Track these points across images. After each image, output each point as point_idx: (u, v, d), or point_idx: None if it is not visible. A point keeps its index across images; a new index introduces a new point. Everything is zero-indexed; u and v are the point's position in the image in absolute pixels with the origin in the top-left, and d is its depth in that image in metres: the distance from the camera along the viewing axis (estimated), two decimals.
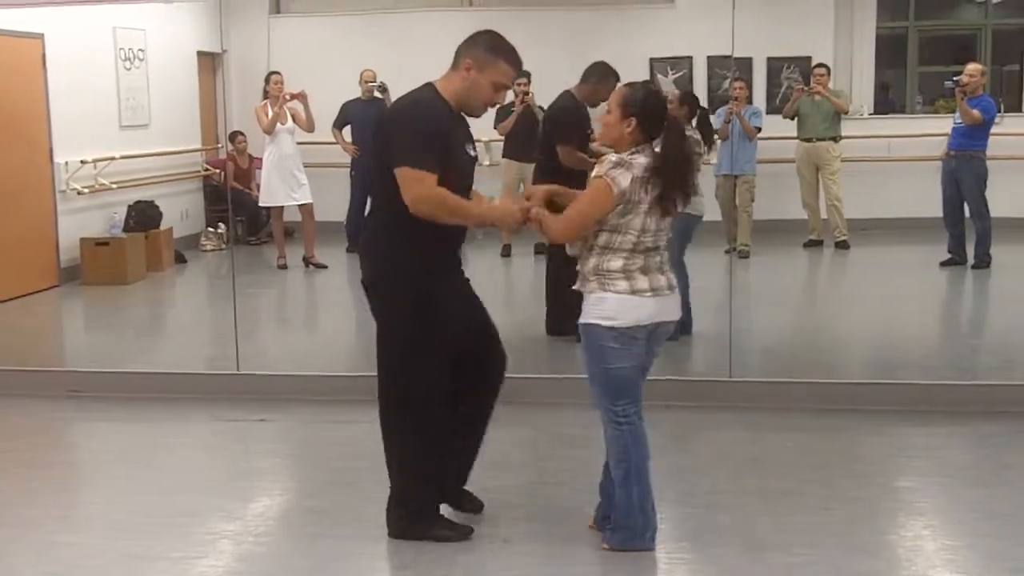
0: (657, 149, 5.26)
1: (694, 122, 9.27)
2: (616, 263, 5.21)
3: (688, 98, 9.65)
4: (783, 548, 5.47)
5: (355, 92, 14.18)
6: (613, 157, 5.23)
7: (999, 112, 13.21)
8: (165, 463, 7.22)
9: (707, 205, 9.65)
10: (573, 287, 5.40)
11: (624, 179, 5.11)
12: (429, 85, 5.39)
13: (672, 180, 5.20)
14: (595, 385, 5.36)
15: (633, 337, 5.22)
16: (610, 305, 5.20)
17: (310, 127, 13.69)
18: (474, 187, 5.52)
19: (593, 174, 5.25)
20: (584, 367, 5.39)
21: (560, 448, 7.11)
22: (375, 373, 5.49)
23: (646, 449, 5.40)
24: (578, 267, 5.37)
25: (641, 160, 5.17)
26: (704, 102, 15.81)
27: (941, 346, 10.04)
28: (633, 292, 5.21)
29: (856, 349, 9.88)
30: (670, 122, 5.37)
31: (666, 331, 5.43)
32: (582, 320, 5.28)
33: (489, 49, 5.37)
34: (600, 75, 9.53)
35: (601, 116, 5.42)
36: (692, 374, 8.65)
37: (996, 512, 5.94)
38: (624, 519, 5.43)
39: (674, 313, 5.40)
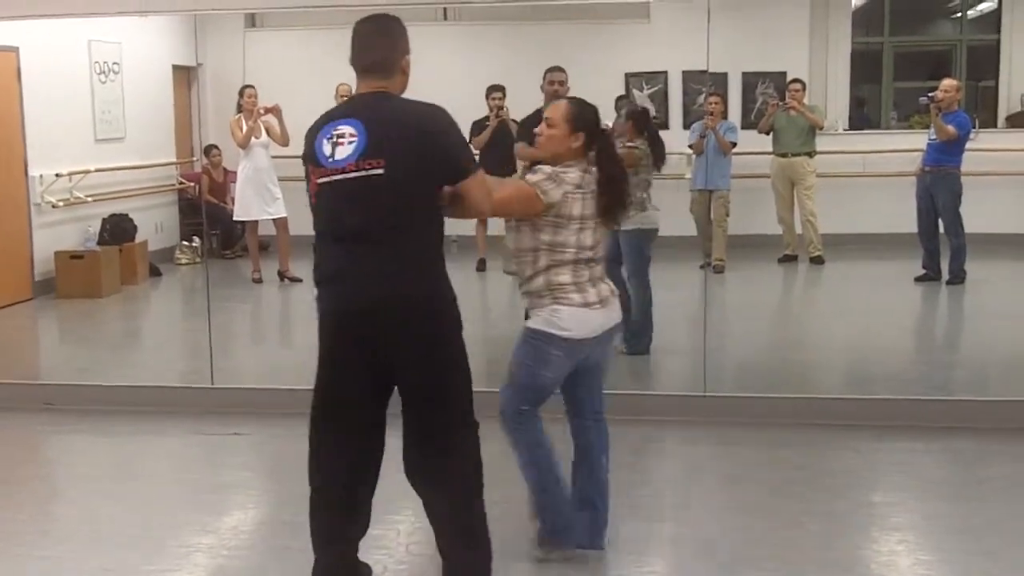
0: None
1: (645, 135, 9.31)
2: (565, 277, 5.30)
3: (635, 114, 9.68)
4: (755, 563, 5.48)
5: (330, 105, 14.08)
6: (547, 169, 5.28)
7: (974, 128, 13.26)
8: (140, 476, 7.21)
9: (662, 218, 9.62)
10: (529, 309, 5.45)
11: (555, 193, 5.20)
12: (402, 98, 4.98)
13: (615, 195, 5.39)
14: (512, 387, 5.38)
15: (580, 349, 5.33)
16: (564, 317, 5.27)
17: (284, 141, 13.64)
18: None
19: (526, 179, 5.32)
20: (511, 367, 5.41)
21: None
22: None
23: (551, 450, 5.46)
24: (522, 289, 5.46)
25: (572, 175, 5.27)
26: (679, 117, 15.94)
27: (915, 361, 10.06)
28: (585, 305, 5.30)
29: (830, 364, 9.90)
30: (605, 136, 5.52)
31: (612, 335, 5.59)
32: (532, 326, 5.33)
33: (404, 33, 5.08)
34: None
35: (540, 129, 5.43)
36: (666, 389, 8.66)
37: (970, 527, 5.97)
38: (547, 521, 5.52)
39: (617, 317, 5.51)
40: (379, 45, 4.99)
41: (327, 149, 4.81)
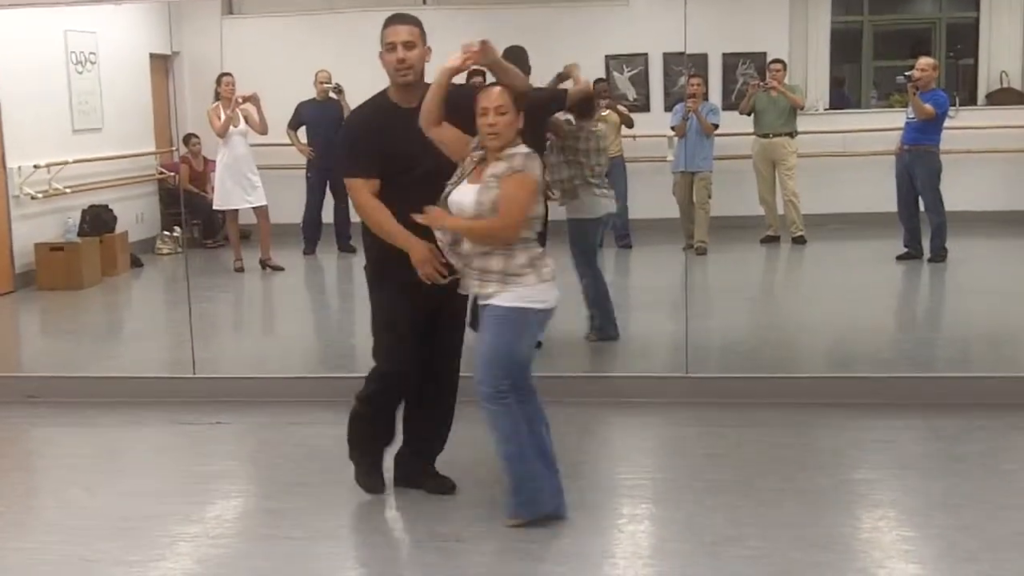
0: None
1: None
2: (538, 249, 5.54)
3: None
4: (738, 541, 5.49)
5: (310, 92, 14.12)
6: (523, 149, 5.46)
7: (953, 106, 13.26)
8: (122, 467, 7.21)
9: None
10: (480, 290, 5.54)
11: (538, 169, 5.47)
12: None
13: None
14: (494, 363, 5.46)
15: (548, 320, 5.57)
16: (542, 289, 5.45)
17: (263, 129, 13.59)
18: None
19: (504, 171, 5.40)
20: (482, 346, 5.52)
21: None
22: (332, 375, 5.50)
23: (524, 424, 5.56)
24: (477, 266, 5.49)
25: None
26: (660, 99, 15.95)
27: (896, 339, 10.07)
28: (553, 277, 5.54)
29: (812, 343, 9.90)
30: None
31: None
32: (510, 304, 5.41)
33: None
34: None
35: (490, 120, 5.49)
36: (648, 370, 8.66)
37: (950, 503, 5.98)
38: (524, 492, 5.63)
39: None
40: None
41: None
